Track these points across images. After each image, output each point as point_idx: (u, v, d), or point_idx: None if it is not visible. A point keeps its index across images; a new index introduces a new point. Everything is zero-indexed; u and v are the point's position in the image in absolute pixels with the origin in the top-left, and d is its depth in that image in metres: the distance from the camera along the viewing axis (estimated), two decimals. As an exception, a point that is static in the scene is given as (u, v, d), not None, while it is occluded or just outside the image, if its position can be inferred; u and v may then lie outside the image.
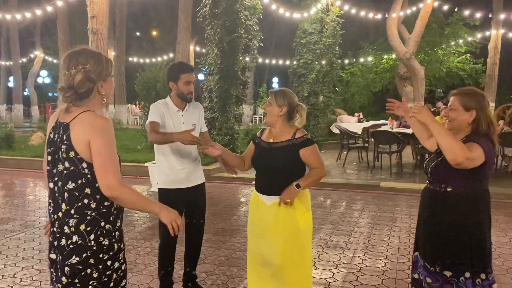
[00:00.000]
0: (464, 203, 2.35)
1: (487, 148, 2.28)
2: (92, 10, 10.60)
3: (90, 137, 1.89)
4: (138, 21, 33.18)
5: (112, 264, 1.96)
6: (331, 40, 12.83)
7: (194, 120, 3.40)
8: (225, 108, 9.61)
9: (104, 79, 2.01)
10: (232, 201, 6.74)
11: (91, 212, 1.92)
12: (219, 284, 3.71)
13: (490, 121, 2.36)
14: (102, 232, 1.93)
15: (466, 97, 2.38)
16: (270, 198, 2.82)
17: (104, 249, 1.93)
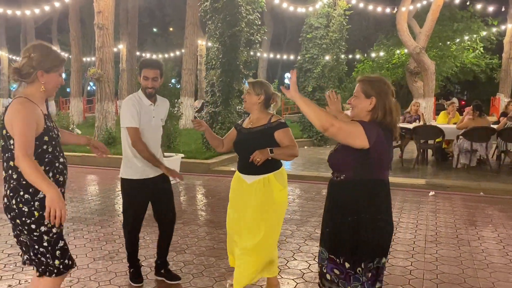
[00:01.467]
0: (353, 191, 2.29)
1: (371, 132, 2.20)
2: (98, 6, 10.79)
3: (12, 118, 2.28)
4: (154, 17, 33.49)
5: (37, 228, 2.32)
6: (338, 35, 12.72)
7: (163, 115, 3.56)
8: (228, 102, 9.64)
9: (46, 70, 2.37)
10: (227, 194, 6.71)
11: (13, 182, 2.32)
12: (194, 273, 3.76)
13: (389, 110, 2.27)
14: (21, 200, 2.31)
15: (368, 84, 2.31)
16: (250, 177, 3.15)
17: (24, 214, 2.30)
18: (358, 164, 2.25)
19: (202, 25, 17.56)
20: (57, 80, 2.44)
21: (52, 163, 2.41)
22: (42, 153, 2.36)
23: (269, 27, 22.87)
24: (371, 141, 2.19)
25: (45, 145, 2.37)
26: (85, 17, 23.77)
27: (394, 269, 3.87)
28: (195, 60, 17.18)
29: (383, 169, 2.30)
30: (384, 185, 2.32)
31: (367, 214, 2.26)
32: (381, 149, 2.23)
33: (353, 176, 2.28)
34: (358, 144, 2.20)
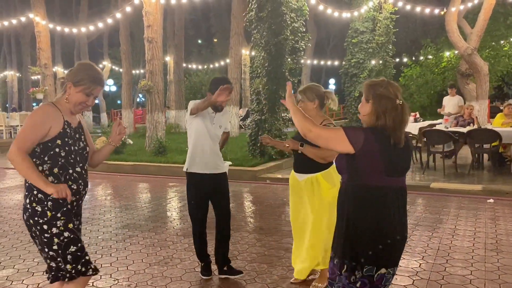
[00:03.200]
0: (344, 194, 2.26)
1: (356, 137, 2.14)
2: (147, 20, 11.20)
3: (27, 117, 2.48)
4: (199, 29, 34.32)
5: (48, 229, 2.38)
6: (384, 39, 12.50)
7: (222, 123, 3.90)
8: (274, 110, 9.69)
9: (75, 84, 2.48)
10: (274, 201, 6.80)
11: (28, 181, 2.42)
12: (246, 279, 3.79)
13: (382, 113, 2.17)
14: (35, 199, 2.40)
15: (367, 87, 2.26)
16: (301, 176, 3.47)
17: (37, 214, 2.39)
18: (349, 168, 2.22)
19: (246, 35, 17.82)
20: (81, 97, 2.49)
21: (66, 169, 2.45)
22: (54, 155, 2.43)
23: (313, 33, 22.80)
24: (356, 146, 2.14)
25: (57, 148, 2.43)
26: (134, 32, 24.73)
27: (452, 278, 3.73)
28: (240, 70, 17.41)
29: (379, 174, 2.17)
30: (381, 191, 2.18)
31: (355, 218, 2.19)
32: (372, 154, 2.14)
33: (348, 180, 2.26)
34: (341, 149, 2.19)
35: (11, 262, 4.31)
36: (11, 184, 8.94)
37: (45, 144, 2.41)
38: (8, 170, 10.96)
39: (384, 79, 2.30)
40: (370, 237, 2.17)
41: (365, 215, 2.18)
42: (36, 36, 14.72)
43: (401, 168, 2.25)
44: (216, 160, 3.83)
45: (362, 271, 2.16)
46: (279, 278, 3.81)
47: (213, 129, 3.78)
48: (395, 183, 2.22)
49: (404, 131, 2.22)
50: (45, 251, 2.40)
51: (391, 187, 2.20)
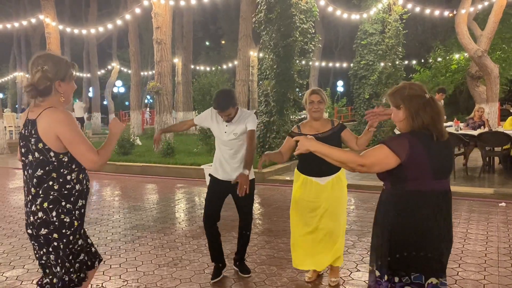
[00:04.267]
0: (388, 203, 2.21)
1: (400, 146, 2.09)
2: (156, 22, 11.23)
3: (57, 129, 2.25)
4: (208, 30, 34.42)
5: (74, 239, 2.34)
6: (394, 41, 12.44)
7: (237, 130, 3.75)
8: (283, 112, 9.67)
9: (62, 79, 2.35)
10: (283, 203, 6.77)
11: (54, 193, 2.30)
12: (256, 282, 3.77)
13: (415, 112, 2.13)
14: (63, 210, 2.30)
15: (392, 95, 2.23)
16: (323, 179, 3.50)
17: (65, 226, 2.31)
18: (394, 176, 2.16)
19: (254, 37, 17.81)
20: (73, 87, 2.43)
21: (84, 171, 2.43)
22: (71, 159, 2.33)
23: (321, 35, 22.79)
24: (402, 156, 2.09)
25: None
26: (142, 33, 24.86)
27: (465, 283, 3.68)
28: (248, 71, 17.40)
29: (426, 178, 2.12)
30: (426, 197, 2.14)
31: (400, 225, 2.14)
32: (419, 159, 2.10)
33: (391, 187, 2.22)
34: (393, 165, 2.13)
35: (21, 262, 4.32)
36: (20, 184, 8.99)
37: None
38: (17, 170, 11.03)
39: (403, 82, 2.28)
40: (418, 244, 2.12)
41: (411, 222, 2.13)
42: (46, 38, 14.81)
43: (446, 168, 2.21)
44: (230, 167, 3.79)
45: (410, 277, 2.13)
46: (289, 280, 3.78)
47: (226, 137, 3.76)
48: (441, 186, 2.17)
49: (443, 122, 2.19)
50: (65, 262, 2.32)
51: (437, 191, 2.16)
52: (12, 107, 31.53)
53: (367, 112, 2.84)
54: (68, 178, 2.32)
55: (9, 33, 23.01)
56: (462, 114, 19.43)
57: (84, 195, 2.42)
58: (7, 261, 4.37)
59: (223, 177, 3.82)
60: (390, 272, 2.16)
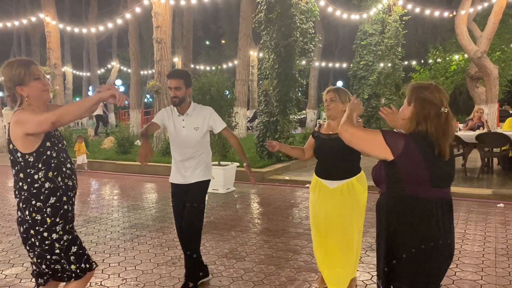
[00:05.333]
0: (384, 208, 2.13)
1: (395, 142, 2.00)
2: (156, 21, 11.24)
3: (21, 129, 2.30)
4: (208, 30, 34.40)
5: (49, 235, 2.37)
6: (393, 41, 12.46)
7: (196, 124, 3.57)
8: (285, 112, 9.66)
9: (21, 83, 2.36)
10: (282, 203, 6.78)
11: (24, 192, 2.38)
12: (255, 281, 3.78)
13: (424, 118, 2.02)
14: (34, 209, 2.37)
15: (411, 90, 2.10)
16: (333, 182, 3.24)
17: (38, 223, 2.36)
18: (389, 177, 2.07)
19: (254, 37, 17.83)
20: (37, 85, 2.39)
21: (59, 168, 2.43)
22: (47, 159, 2.39)
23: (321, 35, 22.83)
24: (395, 152, 1.99)
25: (48, 151, 2.40)
26: (143, 33, 24.86)
27: (463, 283, 3.69)
28: (248, 71, 17.43)
29: (424, 184, 2.01)
30: (426, 204, 2.02)
31: (398, 234, 2.04)
32: (415, 162, 1.99)
33: (388, 192, 2.11)
34: (377, 154, 2.05)
35: (20, 260, 4.33)
36: (20, 182, 9.00)
37: (37, 151, 2.36)
38: (17, 169, 11.04)
39: (432, 83, 2.10)
40: (416, 254, 2.01)
41: (408, 230, 2.03)
42: (46, 36, 14.83)
43: (447, 177, 2.08)
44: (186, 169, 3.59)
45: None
46: (287, 280, 3.79)
47: (184, 132, 3.54)
48: (441, 194, 2.05)
49: (450, 143, 2.04)
50: (47, 257, 2.39)
51: (436, 199, 2.03)
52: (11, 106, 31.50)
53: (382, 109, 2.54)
54: (35, 177, 2.36)
55: (9, 32, 23.01)
56: (462, 115, 19.45)
57: (58, 193, 2.40)
58: (6, 259, 4.39)
59: (180, 181, 3.61)
60: (385, 283, 2.10)
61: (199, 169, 3.61)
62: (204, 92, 7.58)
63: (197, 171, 3.61)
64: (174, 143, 3.63)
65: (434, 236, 2.01)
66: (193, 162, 3.60)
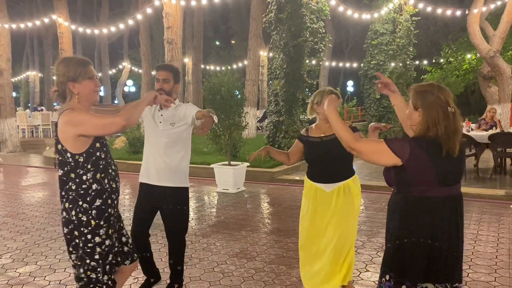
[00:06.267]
0: (394, 207, 2.16)
1: (400, 148, 2.04)
2: (167, 22, 11.30)
3: (70, 130, 2.32)
4: (218, 30, 34.49)
5: (92, 238, 2.37)
6: (405, 41, 12.37)
7: (174, 119, 3.37)
8: (292, 112, 9.66)
9: (74, 80, 2.38)
10: (292, 202, 6.77)
11: (72, 193, 2.38)
12: (266, 281, 3.78)
13: (433, 123, 2.03)
14: (80, 209, 2.36)
15: (415, 94, 2.11)
16: (329, 186, 3.15)
17: (82, 224, 2.36)
18: (399, 180, 2.11)
19: (264, 37, 17.83)
20: (89, 85, 2.41)
21: (106, 170, 2.45)
22: (96, 160, 2.40)
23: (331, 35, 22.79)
24: (403, 157, 2.03)
25: (98, 152, 2.41)
26: (153, 33, 25.01)
27: (476, 285, 3.66)
28: (258, 71, 17.44)
29: (431, 183, 2.05)
30: (432, 203, 2.06)
31: (407, 232, 2.08)
32: (420, 165, 2.02)
33: (397, 191, 2.16)
34: (386, 163, 2.10)
35: (34, 259, 4.39)
36: (33, 182, 9.12)
37: (87, 152, 2.37)
38: (30, 168, 11.18)
39: (433, 84, 2.14)
40: (424, 252, 2.05)
41: (418, 229, 2.07)
42: (58, 37, 14.98)
43: (456, 175, 2.11)
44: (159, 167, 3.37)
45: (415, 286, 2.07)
46: (298, 280, 3.79)
47: (161, 126, 3.35)
48: (450, 192, 2.09)
49: (459, 140, 2.06)
50: (86, 262, 2.37)
51: (445, 197, 2.07)
52: (25, 106, 31.88)
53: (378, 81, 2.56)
54: (84, 178, 2.36)
55: (22, 33, 23.31)
56: (474, 115, 19.24)
57: (104, 195, 2.42)
58: (20, 257, 4.45)
59: (151, 181, 3.39)
60: (397, 279, 2.11)
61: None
62: (214, 92, 7.60)
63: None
64: (149, 137, 3.47)
65: (445, 235, 2.04)
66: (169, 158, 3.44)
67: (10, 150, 14.36)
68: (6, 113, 14.17)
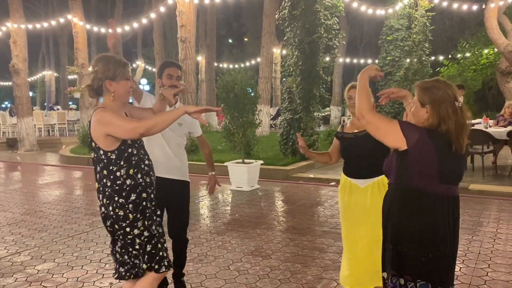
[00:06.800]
0: (392, 199, 2.13)
1: (411, 133, 2.02)
2: (180, 20, 11.33)
3: (101, 129, 2.39)
4: (231, 28, 34.50)
5: (131, 231, 2.45)
6: (421, 37, 12.21)
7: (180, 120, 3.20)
8: (309, 109, 9.59)
9: (112, 78, 2.45)
10: (307, 201, 6.74)
11: (107, 189, 2.45)
12: (281, 279, 3.77)
13: (444, 118, 2.02)
14: (117, 205, 2.44)
15: (422, 91, 2.09)
16: (363, 181, 3.15)
17: (120, 219, 2.43)
18: (399, 168, 2.09)
19: (277, 34, 17.77)
20: (125, 85, 2.50)
21: (139, 165, 2.49)
22: (128, 156, 2.45)
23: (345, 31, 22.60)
24: (410, 142, 2.01)
25: (129, 148, 2.45)
26: (167, 32, 25.11)
27: (495, 284, 3.59)
28: (271, 68, 17.40)
29: (432, 179, 2.03)
30: (433, 199, 2.04)
31: (404, 225, 2.07)
32: (427, 155, 2.01)
33: (395, 182, 2.13)
34: (392, 141, 2.08)
35: (52, 256, 4.44)
36: (49, 180, 9.24)
37: (119, 149, 2.43)
38: (46, 167, 11.34)
39: (439, 79, 2.13)
40: (422, 247, 2.04)
41: (412, 222, 2.06)
42: (73, 37, 15.15)
43: (457, 175, 2.11)
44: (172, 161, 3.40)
45: (416, 285, 2.05)
46: (314, 278, 3.76)
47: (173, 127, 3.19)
48: (449, 191, 2.07)
49: (466, 137, 2.06)
50: (129, 250, 2.49)
51: (444, 196, 2.06)
52: (41, 105, 32.38)
53: (380, 94, 2.62)
54: (117, 174, 2.43)
55: (38, 33, 23.62)
56: (491, 111, 18.90)
57: (137, 189, 2.46)
58: (38, 254, 4.51)
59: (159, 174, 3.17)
60: (395, 273, 2.10)
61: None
62: (228, 90, 7.59)
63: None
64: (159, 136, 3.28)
65: (442, 232, 2.04)
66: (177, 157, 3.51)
67: (27, 149, 14.59)
68: (23, 112, 14.39)
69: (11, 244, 4.87)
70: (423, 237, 2.04)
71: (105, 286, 3.71)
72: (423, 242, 2.04)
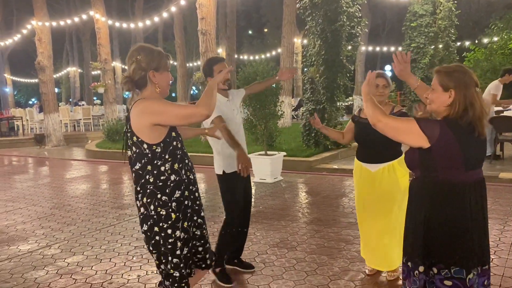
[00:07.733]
0: (421, 193, 2.12)
1: (431, 130, 1.99)
2: (201, 13, 11.30)
3: (149, 119, 2.21)
4: (250, 19, 34.33)
5: (173, 232, 2.28)
6: (447, 22, 11.86)
7: (238, 104, 3.69)
8: (333, 99, 9.45)
9: (156, 69, 2.30)
10: (331, 192, 6.67)
11: (150, 186, 2.27)
12: (307, 271, 3.74)
13: (470, 103, 2.00)
14: (159, 203, 2.26)
15: (445, 75, 2.06)
16: (374, 166, 3.31)
17: (162, 219, 2.26)
18: (424, 163, 2.07)
19: (298, 23, 17.57)
20: (168, 77, 2.37)
21: (183, 160, 2.36)
22: (173, 149, 2.30)
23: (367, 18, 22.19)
24: (432, 139, 1.99)
25: (174, 141, 2.32)
26: (187, 25, 25.17)
27: (530, 276, 3.47)
28: (292, 59, 17.23)
29: (458, 169, 2.02)
30: (457, 188, 2.04)
31: (434, 216, 2.06)
32: (451, 148, 1.99)
33: (420, 175, 2.13)
34: (413, 142, 2.06)
35: (81, 249, 4.53)
36: (77, 174, 9.43)
37: (164, 141, 2.27)
38: (73, 161, 11.57)
39: (460, 64, 2.13)
40: (454, 235, 2.04)
41: (444, 212, 2.05)
42: (96, 33, 15.33)
43: (480, 158, 2.12)
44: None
45: (450, 271, 2.04)
46: (340, 270, 3.72)
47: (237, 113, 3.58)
48: (474, 177, 2.08)
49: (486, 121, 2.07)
50: (169, 259, 2.29)
51: (470, 182, 2.06)
52: (66, 101, 33.03)
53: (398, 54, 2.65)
54: (162, 169, 2.26)
55: (61, 30, 24.02)
56: (521, 97, 18.28)
57: (182, 186, 2.33)
58: (68, 247, 4.60)
59: None
60: (427, 263, 2.08)
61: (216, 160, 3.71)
62: (249, 82, 7.55)
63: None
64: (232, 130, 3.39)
65: (468, 217, 2.04)
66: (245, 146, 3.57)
67: (54, 144, 14.92)
68: (49, 108, 14.71)
69: (42, 237, 4.99)
70: (455, 225, 2.04)
71: (133, 278, 3.75)
72: (454, 229, 2.04)
